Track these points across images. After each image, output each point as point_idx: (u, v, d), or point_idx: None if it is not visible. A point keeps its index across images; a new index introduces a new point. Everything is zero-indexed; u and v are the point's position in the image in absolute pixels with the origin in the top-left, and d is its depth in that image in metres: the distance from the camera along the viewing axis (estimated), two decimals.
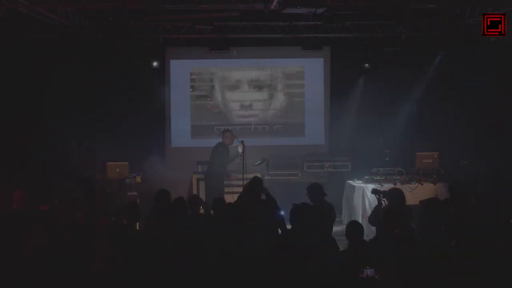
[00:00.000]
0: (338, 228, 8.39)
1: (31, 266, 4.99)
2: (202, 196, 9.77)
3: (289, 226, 6.51)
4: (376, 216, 6.94)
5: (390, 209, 6.53)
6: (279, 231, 6.91)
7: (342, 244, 6.44)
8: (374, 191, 7.45)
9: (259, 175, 9.59)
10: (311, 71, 12.79)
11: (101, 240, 5.42)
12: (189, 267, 4.95)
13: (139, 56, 11.48)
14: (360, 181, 10.04)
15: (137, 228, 7.27)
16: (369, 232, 7.40)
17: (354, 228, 5.74)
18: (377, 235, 6.41)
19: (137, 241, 6.13)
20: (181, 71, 12.62)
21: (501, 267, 4.89)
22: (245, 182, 8.43)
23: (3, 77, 11.03)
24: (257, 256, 4.99)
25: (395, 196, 7.15)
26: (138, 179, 10.44)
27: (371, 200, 9.23)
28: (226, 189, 10.00)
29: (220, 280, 4.98)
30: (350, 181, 10.34)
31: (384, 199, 7.27)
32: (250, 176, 8.66)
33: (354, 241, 5.62)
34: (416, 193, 9.45)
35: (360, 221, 9.39)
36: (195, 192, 10.28)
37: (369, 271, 4.95)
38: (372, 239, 6.07)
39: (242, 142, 9.85)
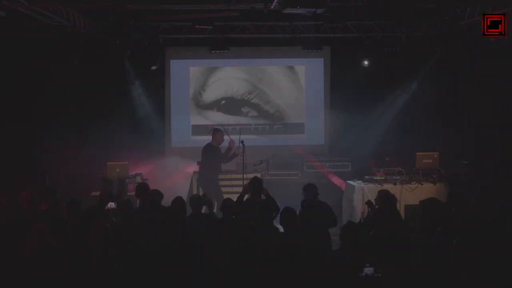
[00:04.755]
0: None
1: (32, 266, 5.00)
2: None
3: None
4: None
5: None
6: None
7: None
8: (368, 203, 7.57)
9: (259, 175, 9.61)
10: (311, 71, 12.80)
11: (100, 241, 5.42)
12: (189, 267, 4.95)
13: (139, 56, 11.48)
14: (360, 181, 10.04)
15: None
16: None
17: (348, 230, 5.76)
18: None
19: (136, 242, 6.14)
20: (181, 71, 12.62)
21: (500, 267, 4.89)
22: (245, 182, 8.44)
23: (3, 77, 11.04)
24: (257, 256, 4.99)
25: (382, 198, 7.25)
26: (138, 179, 10.44)
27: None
28: (226, 189, 10.00)
29: (220, 280, 4.98)
30: (350, 181, 10.34)
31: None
32: (250, 176, 8.66)
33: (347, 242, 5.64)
34: (416, 193, 9.45)
35: (359, 221, 9.44)
36: (195, 192, 10.28)
37: (368, 270, 4.96)
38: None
39: (242, 142, 9.86)
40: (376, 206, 7.37)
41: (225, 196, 9.12)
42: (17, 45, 10.74)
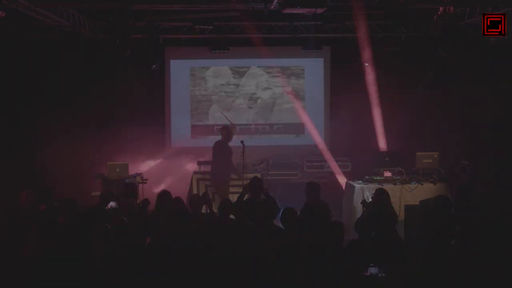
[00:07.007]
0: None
1: (30, 266, 5.00)
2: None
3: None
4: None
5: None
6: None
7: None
8: (363, 203, 7.56)
9: (259, 175, 9.62)
10: (311, 71, 12.80)
11: (101, 240, 5.41)
12: (189, 266, 4.95)
13: (139, 56, 11.47)
14: (360, 181, 10.04)
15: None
16: None
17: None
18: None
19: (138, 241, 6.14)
20: (181, 71, 12.63)
21: (500, 267, 4.89)
22: (245, 182, 8.44)
23: (3, 77, 11.04)
24: (256, 256, 4.99)
25: (378, 196, 7.25)
26: (138, 179, 10.45)
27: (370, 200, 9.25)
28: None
29: (219, 280, 4.98)
30: (350, 181, 10.33)
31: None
32: (250, 176, 8.67)
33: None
34: (416, 193, 9.44)
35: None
36: (195, 192, 10.30)
37: (372, 269, 4.95)
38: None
39: (242, 142, 9.88)
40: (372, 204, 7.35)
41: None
42: (17, 45, 10.74)
